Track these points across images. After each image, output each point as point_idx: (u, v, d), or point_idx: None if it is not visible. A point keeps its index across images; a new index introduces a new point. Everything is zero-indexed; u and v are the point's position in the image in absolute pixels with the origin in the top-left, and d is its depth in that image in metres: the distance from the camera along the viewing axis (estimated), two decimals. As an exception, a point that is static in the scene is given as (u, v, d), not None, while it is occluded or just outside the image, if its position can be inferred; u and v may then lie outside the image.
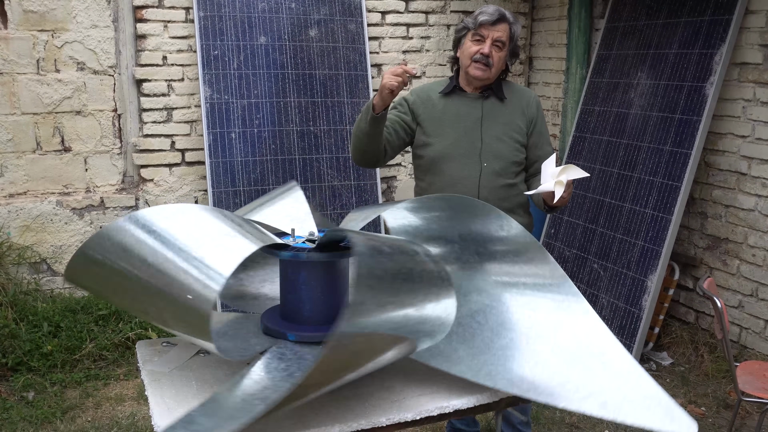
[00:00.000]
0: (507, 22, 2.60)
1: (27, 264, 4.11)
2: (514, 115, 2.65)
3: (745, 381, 2.88)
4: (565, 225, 4.50)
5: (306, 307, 1.81)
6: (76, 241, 4.21)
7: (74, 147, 4.22)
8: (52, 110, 4.14)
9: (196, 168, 4.45)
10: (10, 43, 3.99)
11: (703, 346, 3.98)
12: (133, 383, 3.70)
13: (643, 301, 3.85)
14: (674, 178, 3.86)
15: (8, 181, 4.10)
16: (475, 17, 2.60)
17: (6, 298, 3.84)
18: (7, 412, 3.37)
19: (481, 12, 2.59)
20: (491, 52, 2.57)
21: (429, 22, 4.91)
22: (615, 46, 4.44)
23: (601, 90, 4.47)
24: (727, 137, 3.88)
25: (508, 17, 2.61)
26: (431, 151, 2.63)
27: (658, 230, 3.87)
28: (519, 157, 2.64)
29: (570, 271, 4.36)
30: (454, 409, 1.70)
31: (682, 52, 3.99)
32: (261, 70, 4.36)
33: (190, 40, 4.34)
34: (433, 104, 2.66)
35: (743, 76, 3.78)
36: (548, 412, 3.50)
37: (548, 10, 5.09)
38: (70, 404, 3.49)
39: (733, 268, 3.91)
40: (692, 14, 3.97)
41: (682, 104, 3.91)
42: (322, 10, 4.53)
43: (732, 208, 3.89)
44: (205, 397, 1.69)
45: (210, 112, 4.23)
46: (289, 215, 2.09)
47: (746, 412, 3.46)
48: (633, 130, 4.17)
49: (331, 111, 4.50)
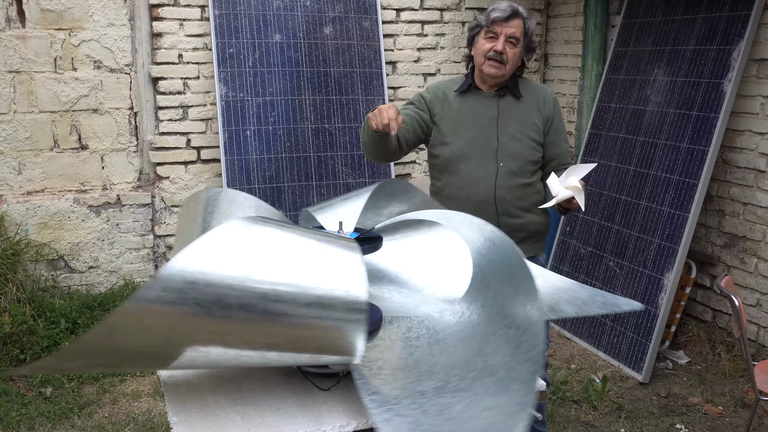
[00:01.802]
0: (520, 17, 2.57)
1: (45, 261, 4.15)
2: (531, 113, 2.63)
3: (763, 380, 2.85)
4: (580, 223, 4.48)
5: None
6: (93, 238, 4.25)
7: (91, 145, 4.25)
8: (69, 108, 4.17)
9: (212, 165, 4.47)
10: (27, 41, 4.03)
11: (720, 345, 3.95)
12: (149, 380, 3.73)
13: (660, 300, 3.82)
14: (691, 175, 3.83)
15: (26, 178, 4.14)
16: (487, 14, 2.58)
17: (24, 295, 3.88)
18: (26, 408, 3.41)
19: (494, 8, 2.57)
20: (505, 49, 2.54)
21: (444, 20, 4.89)
22: (631, 42, 4.41)
23: (618, 87, 4.44)
24: (746, 134, 3.84)
25: (522, 12, 2.58)
26: (447, 150, 2.62)
27: (674, 228, 3.84)
28: (536, 156, 2.62)
29: (586, 268, 4.34)
30: (469, 407, 1.69)
31: (699, 49, 3.95)
32: (276, 68, 4.37)
33: (206, 38, 4.35)
34: (449, 103, 2.65)
35: (762, 72, 3.74)
36: (563, 411, 3.49)
37: (564, 7, 5.06)
38: (87, 400, 3.52)
39: (750, 267, 3.87)
40: (710, 10, 3.93)
41: (700, 101, 3.88)
42: (337, 7, 4.53)
43: (750, 206, 3.85)
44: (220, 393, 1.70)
45: (225, 109, 4.24)
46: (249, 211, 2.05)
47: (764, 412, 3.43)
48: (650, 127, 4.14)
49: (346, 108, 4.50)
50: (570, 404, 3.56)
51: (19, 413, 3.36)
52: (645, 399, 3.62)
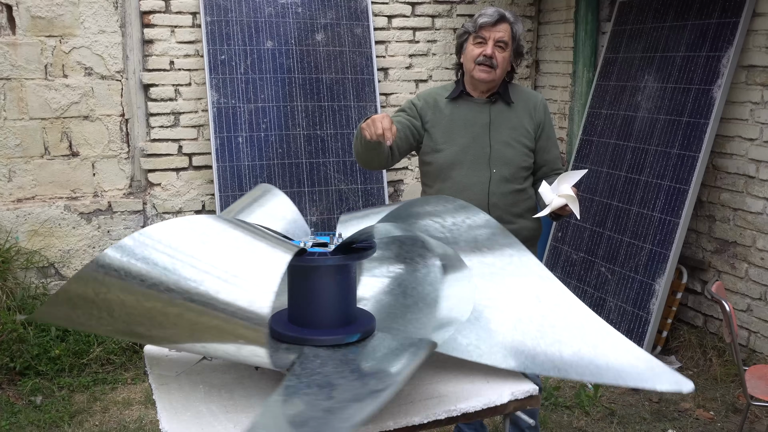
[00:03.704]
0: (507, 21, 2.58)
1: (35, 268, 4.13)
2: (522, 119, 2.64)
3: (754, 385, 2.86)
4: (572, 229, 4.49)
5: (324, 311, 1.82)
6: (83, 245, 4.23)
7: (82, 152, 4.24)
8: (60, 115, 4.16)
9: (204, 172, 4.46)
10: (18, 48, 4.02)
11: (711, 350, 3.96)
12: (140, 387, 3.71)
13: (651, 305, 3.83)
14: (682, 181, 3.85)
15: (17, 186, 4.12)
16: (475, 20, 2.59)
17: (14, 303, 3.86)
18: (16, 417, 3.38)
19: (481, 14, 2.58)
20: (494, 53, 2.55)
21: (435, 26, 4.91)
22: (622, 49, 4.43)
23: (608, 93, 4.46)
24: (735, 140, 3.87)
25: (509, 17, 2.59)
26: (440, 158, 2.62)
27: (665, 233, 3.86)
28: (528, 162, 2.63)
29: (578, 274, 4.35)
30: (461, 413, 1.70)
31: (689, 55, 3.98)
32: (268, 75, 4.37)
33: (197, 45, 4.35)
34: (441, 110, 2.65)
35: (751, 78, 3.77)
36: (556, 416, 3.49)
37: (555, 14, 5.09)
38: (77, 408, 3.50)
39: (741, 272, 3.89)
40: (699, 17, 3.96)
41: (690, 107, 3.90)
42: (329, 14, 4.54)
43: (740, 212, 3.87)
44: (213, 401, 1.69)
45: (217, 116, 4.24)
46: (284, 218, 2.10)
47: (755, 416, 3.44)
48: (640, 133, 4.16)
49: (338, 115, 4.50)
50: (562, 410, 3.56)
51: (9, 422, 3.33)
52: (637, 404, 3.63)
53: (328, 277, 1.81)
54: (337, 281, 1.82)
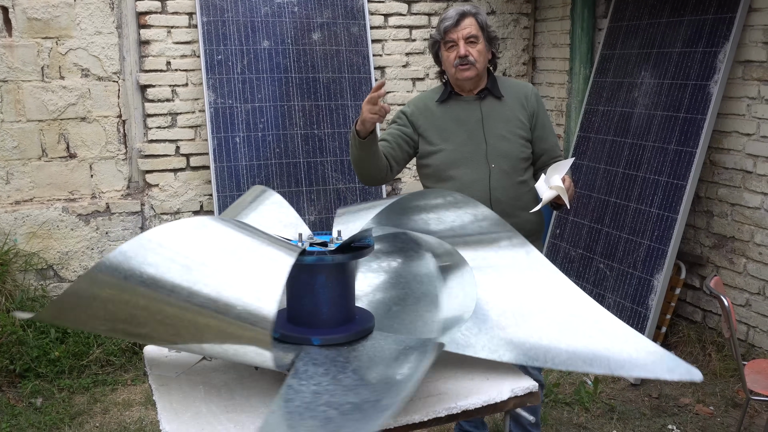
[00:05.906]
0: (469, 15, 2.60)
1: (34, 270, 4.13)
2: (515, 110, 2.65)
3: (753, 380, 2.87)
4: (570, 225, 4.49)
5: (324, 310, 1.82)
6: (82, 247, 4.22)
7: (79, 153, 4.24)
8: (57, 117, 4.15)
9: (201, 173, 4.46)
10: (14, 50, 4.01)
11: (710, 345, 3.97)
12: (140, 388, 3.71)
13: (650, 301, 3.84)
14: (679, 177, 3.85)
15: (14, 188, 4.11)
16: (438, 27, 2.63)
17: (13, 305, 3.85)
18: (16, 419, 3.38)
19: (443, 19, 2.62)
20: (468, 51, 2.57)
21: (432, 24, 4.91)
22: (618, 45, 4.43)
23: (605, 90, 4.46)
24: (732, 135, 3.87)
25: (469, 10, 2.61)
26: (437, 159, 2.62)
27: (663, 229, 3.86)
28: (526, 153, 2.64)
29: (576, 271, 4.35)
30: (461, 410, 1.70)
31: (685, 51, 3.98)
32: (264, 74, 4.36)
33: (194, 46, 4.35)
34: (432, 113, 2.66)
35: (747, 74, 3.77)
36: (556, 413, 3.50)
37: (551, 11, 5.09)
38: (78, 410, 3.50)
39: (739, 267, 3.89)
40: (695, 12, 3.96)
41: (687, 103, 3.90)
42: (325, 13, 4.53)
43: (738, 207, 3.88)
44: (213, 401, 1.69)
45: (214, 116, 4.24)
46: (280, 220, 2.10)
47: (755, 411, 3.45)
48: (637, 130, 4.17)
49: (335, 114, 4.50)
50: (562, 406, 3.57)
51: (9, 424, 3.33)
52: (637, 400, 3.63)
53: (327, 276, 1.81)
54: (335, 280, 1.82)
